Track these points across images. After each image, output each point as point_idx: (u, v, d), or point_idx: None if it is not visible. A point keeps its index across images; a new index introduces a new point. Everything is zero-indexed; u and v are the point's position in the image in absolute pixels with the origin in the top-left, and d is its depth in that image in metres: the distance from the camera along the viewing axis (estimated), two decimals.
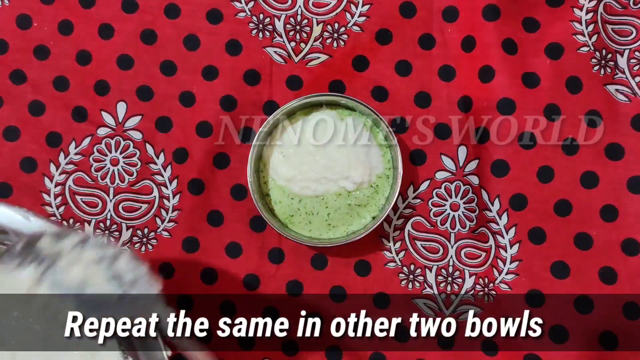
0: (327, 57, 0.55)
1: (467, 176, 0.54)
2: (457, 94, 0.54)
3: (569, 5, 0.54)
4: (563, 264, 0.53)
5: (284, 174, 0.51)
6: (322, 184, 0.51)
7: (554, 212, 0.53)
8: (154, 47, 0.56)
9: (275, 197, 0.52)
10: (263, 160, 0.53)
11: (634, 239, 0.52)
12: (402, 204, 0.54)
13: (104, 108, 0.55)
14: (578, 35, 0.54)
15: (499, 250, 0.53)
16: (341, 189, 0.51)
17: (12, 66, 0.56)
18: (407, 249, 0.54)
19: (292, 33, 0.55)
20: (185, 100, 0.55)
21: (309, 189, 0.51)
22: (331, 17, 0.56)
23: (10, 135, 0.55)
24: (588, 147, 0.53)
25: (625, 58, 0.54)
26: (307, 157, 0.51)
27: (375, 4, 0.55)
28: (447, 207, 0.54)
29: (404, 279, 0.53)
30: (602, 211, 0.53)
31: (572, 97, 0.54)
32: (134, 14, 0.56)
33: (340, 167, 0.51)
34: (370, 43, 0.55)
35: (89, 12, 0.56)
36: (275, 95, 0.55)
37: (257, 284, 0.54)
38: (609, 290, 0.52)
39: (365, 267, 0.54)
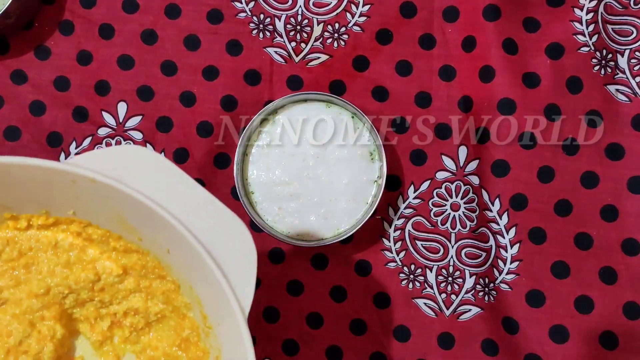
0: (328, 57, 0.55)
1: (467, 176, 0.54)
2: (458, 94, 0.54)
3: (569, 5, 0.54)
4: (563, 264, 0.53)
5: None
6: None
7: (554, 212, 0.53)
8: (155, 47, 0.56)
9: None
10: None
11: (634, 239, 0.52)
12: (403, 204, 0.54)
13: (105, 108, 0.55)
14: (578, 35, 0.54)
15: (500, 250, 0.53)
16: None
17: (13, 66, 0.56)
18: (408, 248, 0.54)
19: (292, 33, 0.55)
20: (185, 100, 0.55)
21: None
22: (331, 17, 0.56)
23: (11, 135, 0.55)
24: (588, 147, 0.53)
25: (626, 58, 0.54)
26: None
27: (375, 4, 0.55)
28: (448, 207, 0.54)
29: (405, 279, 0.53)
30: (602, 211, 0.53)
31: (572, 97, 0.54)
32: (134, 14, 0.56)
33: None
34: (371, 43, 0.55)
35: (90, 12, 0.56)
36: (276, 95, 0.55)
37: (257, 284, 0.54)
38: (609, 290, 0.52)
39: (365, 267, 0.54)
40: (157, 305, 0.42)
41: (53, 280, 0.41)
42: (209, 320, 0.39)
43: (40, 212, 0.40)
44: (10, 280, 0.41)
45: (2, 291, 0.41)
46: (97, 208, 0.38)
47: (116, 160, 0.36)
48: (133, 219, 0.38)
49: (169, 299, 0.42)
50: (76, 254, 0.41)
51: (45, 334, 0.40)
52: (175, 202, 0.35)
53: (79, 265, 0.41)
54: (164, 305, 0.42)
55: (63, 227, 0.41)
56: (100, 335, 0.43)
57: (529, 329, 0.52)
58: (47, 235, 0.41)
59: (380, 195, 0.50)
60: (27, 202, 0.39)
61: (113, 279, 0.41)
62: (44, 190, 0.37)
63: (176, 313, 0.42)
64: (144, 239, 0.39)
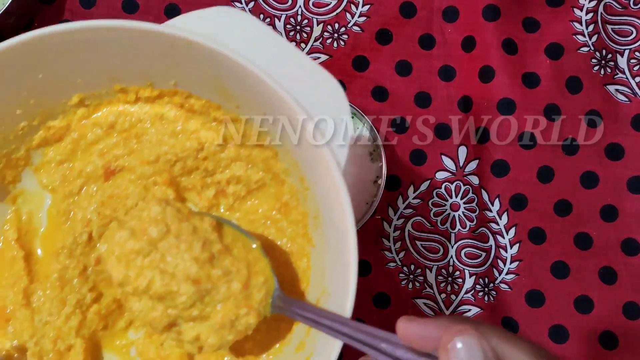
0: (327, 57, 0.55)
1: (467, 176, 0.54)
2: (457, 94, 0.54)
3: (569, 5, 0.54)
4: (563, 264, 0.53)
5: None
6: None
7: (554, 212, 0.53)
8: None
9: None
10: None
11: (634, 239, 0.53)
12: (403, 204, 0.54)
13: None
14: (578, 35, 0.54)
15: (499, 250, 0.53)
16: None
17: None
18: (408, 248, 0.54)
19: (292, 33, 0.55)
20: None
21: None
22: (331, 17, 0.56)
23: None
24: (588, 147, 0.53)
25: (625, 58, 0.54)
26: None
27: (375, 4, 0.55)
28: (448, 207, 0.54)
29: (404, 279, 0.53)
30: (602, 211, 0.53)
31: (572, 97, 0.54)
32: (134, 14, 0.56)
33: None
34: (371, 43, 0.55)
35: (90, 12, 0.56)
36: None
37: None
38: (608, 290, 0.52)
39: (365, 267, 0.54)
40: (258, 173, 0.44)
41: (162, 149, 0.44)
42: (306, 181, 0.41)
43: (146, 84, 0.43)
44: (125, 149, 0.45)
45: (118, 159, 0.45)
46: (196, 75, 0.40)
47: (211, 22, 0.37)
48: (229, 83, 0.39)
49: (268, 165, 0.44)
50: (181, 125, 0.44)
51: (159, 197, 0.43)
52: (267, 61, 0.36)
53: (184, 135, 0.44)
54: (263, 173, 0.44)
55: (167, 99, 0.43)
56: (207, 202, 0.45)
57: (529, 329, 0.52)
58: (154, 107, 0.44)
59: (380, 195, 0.50)
60: (133, 73, 0.41)
61: (215, 148, 0.44)
62: (147, 59, 0.39)
63: (275, 179, 0.44)
64: (241, 105, 0.41)
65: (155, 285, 0.36)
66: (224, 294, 0.36)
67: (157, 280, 0.36)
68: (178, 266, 0.36)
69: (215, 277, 0.36)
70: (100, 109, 0.44)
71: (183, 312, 0.36)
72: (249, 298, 0.37)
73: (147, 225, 0.36)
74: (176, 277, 0.36)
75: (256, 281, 0.37)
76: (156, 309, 0.36)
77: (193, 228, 0.37)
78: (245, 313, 0.37)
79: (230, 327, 0.37)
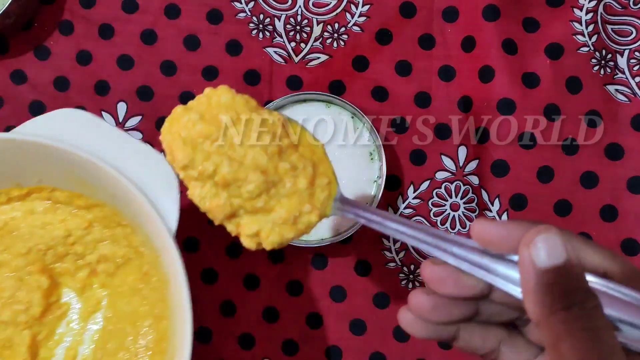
0: (327, 57, 0.55)
1: (467, 176, 0.54)
2: (457, 94, 0.54)
3: (569, 5, 0.54)
4: None
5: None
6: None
7: (554, 212, 0.53)
8: (154, 47, 0.56)
9: None
10: None
11: (634, 239, 0.52)
12: (402, 204, 0.54)
13: (104, 108, 0.55)
14: (578, 36, 0.54)
15: None
16: None
17: (13, 66, 0.56)
18: (408, 248, 0.54)
19: (292, 33, 0.55)
20: (185, 101, 0.54)
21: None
22: (331, 17, 0.56)
23: None
24: (588, 147, 0.53)
25: (625, 58, 0.54)
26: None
27: (375, 4, 0.55)
28: (447, 207, 0.54)
29: (404, 279, 0.53)
30: (602, 211, 0.53)
31: (572, 97, 0.54)
32: (134, 14, 0.56)
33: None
34: (370, 43, 0.55)
35: (90, 12, 0.56)
36: (275, 96, 0.55)
37: (257, 283, 0.54)
38: None
39: (365, 267, 0.54)
40: (122, 249, 0.49)
41: (33, 241, 0.48)
42: (156, 250, 0.45)
43: (14, 184, 0.48)
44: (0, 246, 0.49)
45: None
46: (54, 171, 0.46)
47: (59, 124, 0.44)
48: (83, 175, 0.45)
49: (130, 241, 0.48)
50: (49, 216, 0.49)
51: (33, 286, 0.48)
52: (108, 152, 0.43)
53: (52, 225, 0.49)
54: (127, 249, 0.49)
55: (35, 195, 0.49)
56: (80, 282, 0.49)
57: None
58: (24, 204, 0.49)
59: (380, 195, 0.50)
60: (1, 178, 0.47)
61: (81, 232, 0.49)
62: (8, 164, 0.46)
63: (136, 252, 0.48)
64: (96, 192, 0.47)
65: (222, 171, 0.34)
66: (289, 188, 0.35)
67: (225, 166, 0.34)
68: (247, 154, 0.35)
69: (283, 171, 0.35)
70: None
71: (247, 203, 0.35)
72: (313, 197, 0.36)
73: (217, 111, 0.36)
74: (244, 165, 0.35)
75: (320, 181, 0.36)
76: (220, 196, 0.35)
77: (262, 120, 0.36)
78: (308, 210, 0.35)
79: (292, 224, 0.36)
